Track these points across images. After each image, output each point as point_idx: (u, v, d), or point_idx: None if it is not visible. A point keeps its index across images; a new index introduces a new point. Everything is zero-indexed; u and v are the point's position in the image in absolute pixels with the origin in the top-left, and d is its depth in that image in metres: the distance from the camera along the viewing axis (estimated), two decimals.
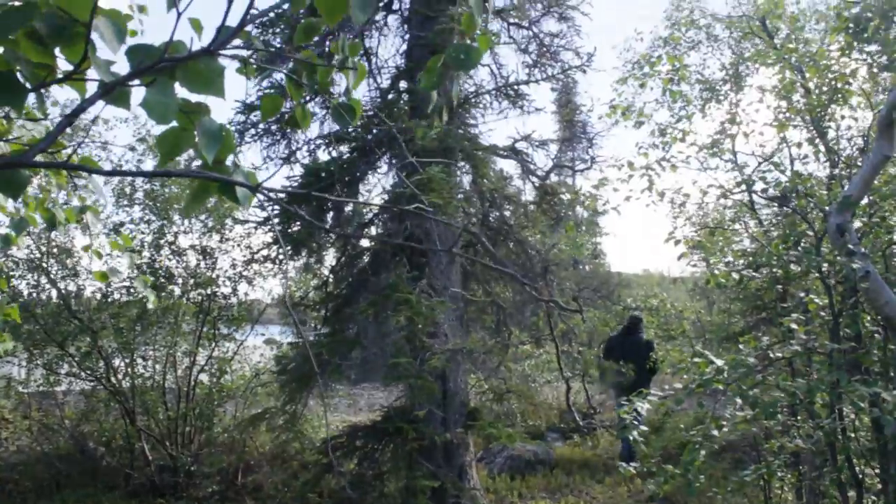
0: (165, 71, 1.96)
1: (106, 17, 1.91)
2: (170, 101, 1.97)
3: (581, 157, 12.48)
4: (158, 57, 1.94)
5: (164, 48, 1.95)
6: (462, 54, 2.28)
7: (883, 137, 6.23)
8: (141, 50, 1.97)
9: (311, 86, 2.36)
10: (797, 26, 7.57)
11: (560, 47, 10.58)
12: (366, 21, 2.36)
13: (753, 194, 7.64)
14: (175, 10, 1.94)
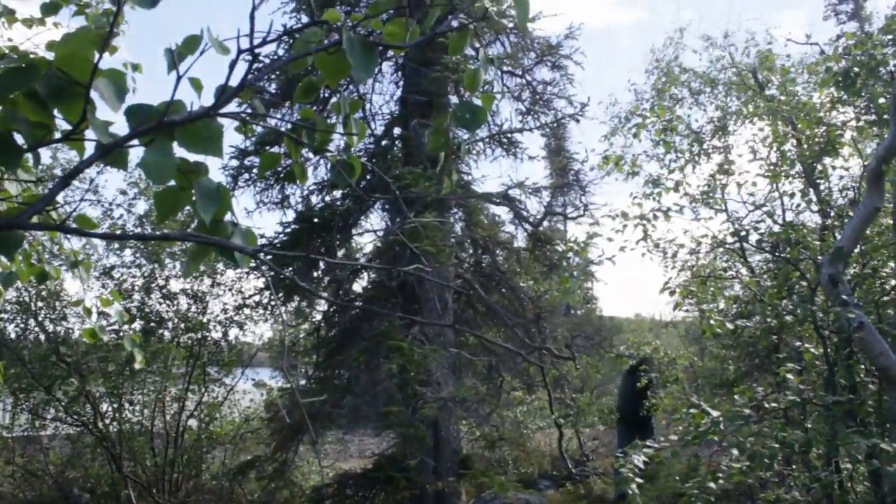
0: (164, 131, 1.95)
1: (106, 78, 1.90)
2: (168, 162, 1.95)
3: (574, 204, 12.50)
4: (157, 117, 1.93)
5: (163, 109, 1.94)
6: (467, 114, 2.28)
7: (873, 189, 6.28)
8: (140, 110, 1.96)
9: (311, 144, 2.35)
10: (788, 79, 7.65)
11: (553, 95, 10.68)
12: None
13: (745, 243, 7.66)
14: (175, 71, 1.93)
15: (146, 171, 1.91)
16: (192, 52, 1.81)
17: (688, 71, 10.45)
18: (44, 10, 4.26)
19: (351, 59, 1.94)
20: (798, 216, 7.68)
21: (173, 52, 1.84)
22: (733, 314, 8.43)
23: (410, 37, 2.24)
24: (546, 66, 10.71)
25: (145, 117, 1.97)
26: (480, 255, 10.28)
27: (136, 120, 1.96)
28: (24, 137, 1.89)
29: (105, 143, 1.85)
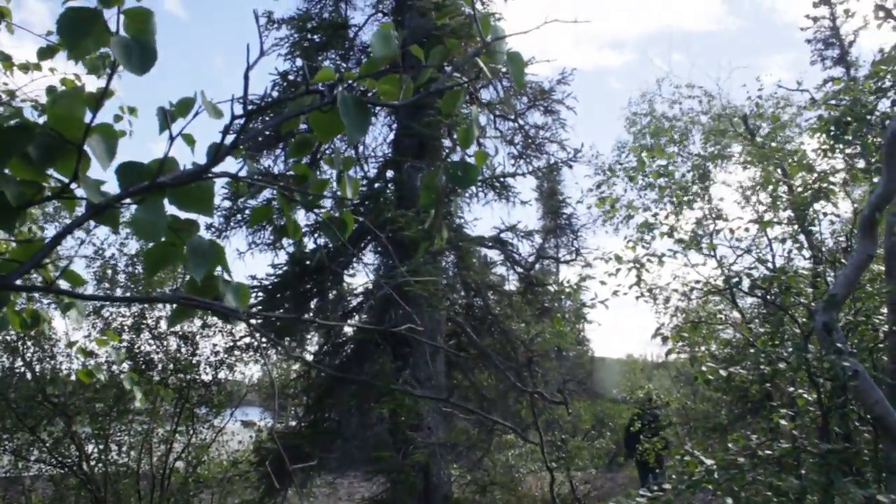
0: (155, 189, 1.93)
1: (98, 134, 1.88)
2: (159, 221, 1.92)
3: (566, 245, 12.51)
4: (148, 176, 1.91)
5: (155, 167, 1.92)
6: (460, 171, 2.27)
7: (866, 237, 6.29)
8: (131, 168, 1.94)
9: (303, 201, 2.33)
10: (778, 126, 7.72)
11: (545, 139, 10.74)
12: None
13: (737, 289, 7.66)
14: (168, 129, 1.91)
15: (137, 230, 1.89)
16: (185, 115, 1.80)
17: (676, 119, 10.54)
18: (40, 54, 4.28)
19: (344, 120, 1.93)
20: (789, 262, 7.69)
21: (166, 111, 1.83)
22: (725, 357, 8.40)
23: (404, 94, 2.23)
24: (538, 111, 10.80)
25: (136, 176, 1.95)
26: (472, 297, 10.24)
27: (128, 178, 1.94)
28: (13, 197, 1.86)
29: (96, 202, 1.83)
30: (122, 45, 1.58)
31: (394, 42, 2.21)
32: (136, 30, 1.64)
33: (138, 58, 1.59)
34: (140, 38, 1.61)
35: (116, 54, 1.56)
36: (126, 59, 1.57)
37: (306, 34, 11.45)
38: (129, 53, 1.58)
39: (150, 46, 1.62)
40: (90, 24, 1.58)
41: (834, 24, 25.34)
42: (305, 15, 11.80)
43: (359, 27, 12.05)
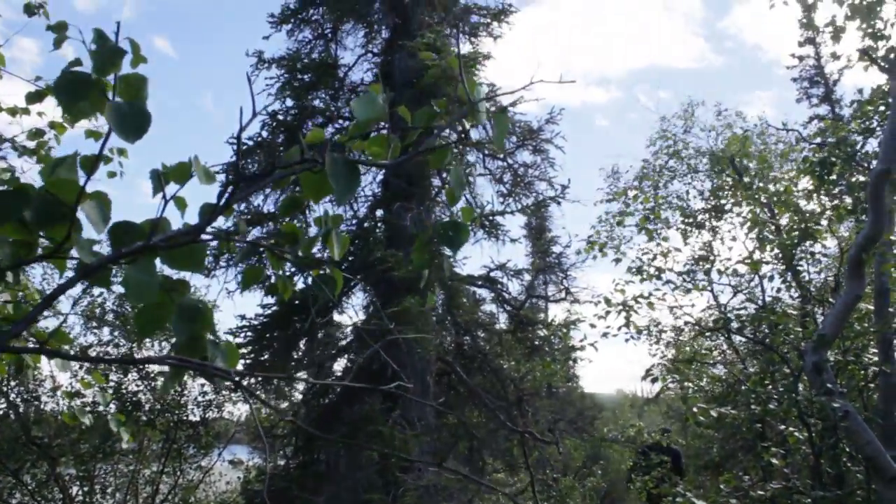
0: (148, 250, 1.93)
1: (93, 201, 1.90)
2: (151, 281, 1.92)
3: (556, 281, 12.53)
4: (141, 236, 1.91)
5: (147, 227, 1.92)
6: (451, 232, 2.28)
7: (854, 277, 6.34)
8: (124, 229, 1.94)
9: (293, 259, 2.34)
10: (765, 166, 7.81)
11: (534, 177, 10.80)
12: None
13: (728, 330, 7.69)
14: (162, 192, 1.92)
15: (128, 291, 1.89)
16: (181, 180, 1.81)
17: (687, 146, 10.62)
18: (28, 99, 4.29)
19: (332, 182, 1.95)
20: (778, 301, 7.73)
21: (160, 175, 1.84)
22: (716, 395, 8.39)
23: (392, 153, 2.26)
24: (527, 150, 10.88)
25: (129, 236, 1.95)
26: (462, 336, 10.22)
27: (120, 239, 1.94)
28: (5, 257, 1.86)
29: (88, 262, 1.83)
30: (117, 111, 1.59)
31: (378, 104, 2.23)
32: (131, 95, 1.65)
33: (132, 125, 1.60)
34: (134, 104, 1.62)
35: (111, 122, 1.57)
36: (120, 126, 1.58)
37: (296, 74, 11.53)
38: (123, 120, 1.59)
39: (144, 112, 1.63)
40: (87, 88, 1.59)
41: (819, 63, 25.68)
42: (295, 55, 11.89)
43: (349, 67, 12.15)
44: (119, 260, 1.87)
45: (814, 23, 7.64)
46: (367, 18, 12.22)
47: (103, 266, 1.86)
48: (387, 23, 12.24)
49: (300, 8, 12.13)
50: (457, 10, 12.25)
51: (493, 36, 12.35)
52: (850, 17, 6.94)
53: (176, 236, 1.87)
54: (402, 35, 11.23)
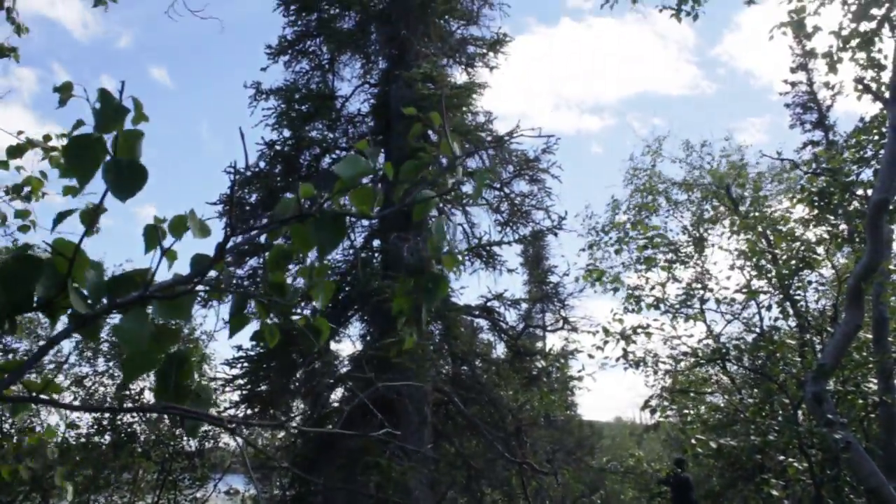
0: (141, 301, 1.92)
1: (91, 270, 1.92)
2: (143, 330, 1.92)
3: (553, 310, 12.49)
4: (133, 286, 1.90)
5: (139, 279, 1.91)
6: (430, 284, 2.29)
7: (853, 307, 6.33)
8: (116, 279, 1.93)
9: (280, 310, 2.34)
10: (760, 195, 7.82)
11: (531, 207, 10.82)
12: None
13: (726, 360, 7.66)
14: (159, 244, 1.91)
15: (121, 339, 1.88)
16: (179, 235, 1.81)
17: (665, 182, 10.66)
18: (9, 153, 4.25)
19: (316, 235, 1.98)
20: (776, 330, 7.70)
21: (157, 231, 1.84)
22: (715, 423, 8.35)
23: (378, 203, 2.27)
24: (524, 180, 10.90)
25: (121, 286, 1.94)
26: (459, 366, 10.17)
27: (114, 290, 1.93)
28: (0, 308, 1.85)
29: (83, 314, 1.82)
30: (114, 169, 1.59)
31: (362, 163, 2.24)
32: (127, 151, 1.65)
33: (128, 183, 1.60)
34: (132, 162, 1.62)
35: (107, 180, 1.57)
36: (115, 185, 1.58)
37: (294, 104, 11.57)
38: (119, 179, 1.59)
39: (140, 170, 1.63)
40: (96, 150, 1.59)
41: (811, 89, 25.82)
42: (293, 86, 11.94)
43: (346, 98, 12.20)
44: (114, 311, 1.86)
45: (813, 51, 7.67)
46: (364, 50, 12.29)
47: (97, 318, 1.85)
48: (384, 54, 12.32)
49: (298, 39, 12.21)
50: (453, 41, 12.33)
51: (488, 66, 12.43)
52: (844, 48, 6.99)
53: (171, 288, 1.86)
54: (399, 66, 11.30)
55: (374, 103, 12.05)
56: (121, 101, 1.58)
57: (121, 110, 1.58)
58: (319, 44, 12.38)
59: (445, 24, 12.36)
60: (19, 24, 6.03)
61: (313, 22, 12.31)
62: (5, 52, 5.94)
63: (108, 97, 1.58)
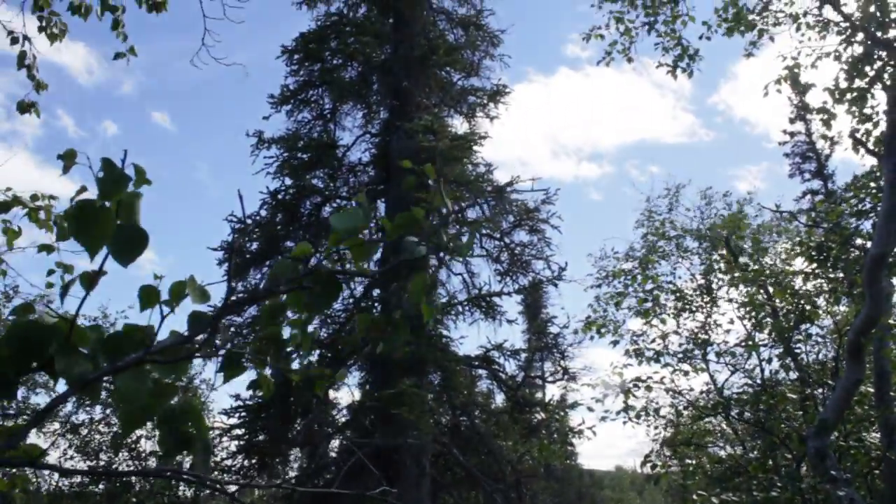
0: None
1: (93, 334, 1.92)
2: (141, 388, 1.92)
3: (553, 359, 12.44)
4: (131, 346, 1.91)
5: (138, 338, 1.92)
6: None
7: (853, 362, 6.30)
8: (115, 340, 1.94)
9: (276, 364, 2.34)
10: (760, 247, 7.85)
11: (531, 257, 10.84)
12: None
13: (728, 414, 7.61)
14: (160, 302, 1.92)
15: (120, 398, 1.88)
16: (177, 301, 1.82)
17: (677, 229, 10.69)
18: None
19: (310, 296, 1.99)
20: (777, 385, 7.67)
21: (155, 292, 1.85)
22: (717, 475, 8.26)
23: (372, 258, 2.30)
24: (524, 230, 10.95)
25: (120, 346, 1.94)
26: (459, 417, 10.10)
27: (113, 350, 1.93)
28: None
29: (73, 380, 1.82)
30: (116, 235, 1.61)
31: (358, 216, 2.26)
32: (126, 212, 1.66)
33: (128, 248, 1.62)
34: (132, 227, 1.64)
35: (109, 245, 1.59)
36: (117, 250, 1.60)
37: (296, 153, 11.66)
38: (121, 244, 1.61)
39: (141, 235, 1.64)
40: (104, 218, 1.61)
41: (810, 139, 26.02)
42: (295, 134, 12.05)
43: (347, 147, 12.31)
44: (113, 374, 1.87)
45: (808, 106, 7.77)
46: (366, 100, 12.43)
47: (97, 380, 1.85)
48: (385, 104, 12.45)
49: (300, 89, 12.35)
50: (454, 92, 12.47)
51: (489, 116, 12.56)
52: (840, 100, 7.08)
53: (169, 350, 1.86)
54: (401, 116, 11.41)
55: (375, 153, 12.16)
56: (123, 169, 1.60)
57: (123, 178, 1.60)
58: (322, 93, 12.52)
59: (446, 75, 12.52)
60: (39, 81, 6.16)
61: (316, 72, 12.46)
62: (26, 108, 6.09)
63: (111, 166, 1.60)
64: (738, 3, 8.31)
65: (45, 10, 6.03)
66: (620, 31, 8.78)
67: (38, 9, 6.02)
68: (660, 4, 8.39)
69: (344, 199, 11.43)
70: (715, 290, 8.74)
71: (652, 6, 8.41)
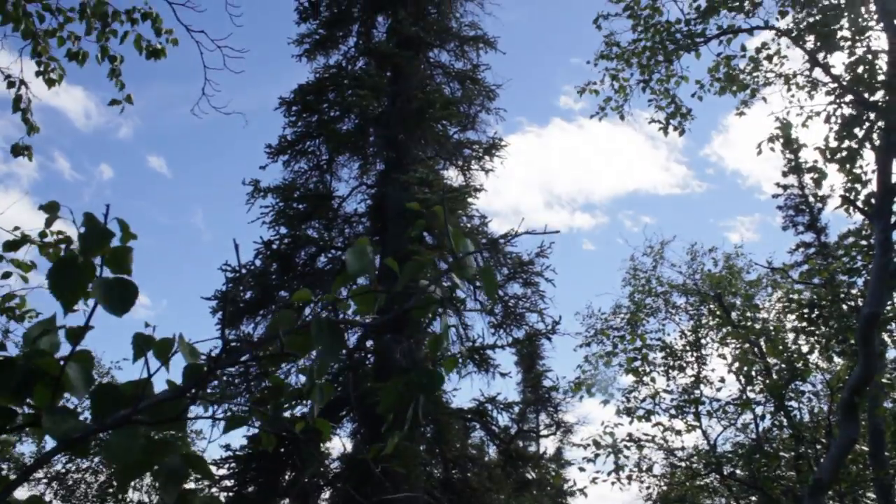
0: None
1: (75, 363, 1.89)
2: (133, 446, 1.90)
3: (548, 410, 12.35)
4: (123, 401, 1.90)
5: (130, 392, 1.91)
6: (425, 379, 2.28)
7: (847, 421, 6.28)
8: (106, 393, 1.93)
9: (277, 415, 2.32)
10: (751, 304, 7.88)
11: (525, 309, 10.84)
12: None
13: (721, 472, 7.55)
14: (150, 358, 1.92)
15: (110, 455, 1.87)
16: (165, 358, 1.82)
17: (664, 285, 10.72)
18: (5, 247, 4.31)
19: (317, 345, 1.96)
20: (770, 443, 7.63)
21: (145, 342, 1.85)
22: None
23: (378, 306, 2.28)
24: (518, 282, 10.96)
25: (112, 401, 1.93)
26: (451, 470, 9.99)
27: (103, 404, 1.92)
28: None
29: (59, 439, 1.81)
30: (105, 287, 1.61)
31: (367, 258, 2.26)
32: (117, 267, 1.67)
33: (119, 300, 1.62)
34: (121, 279, 1.64)
35: (98, 298, 1.59)
36: (108, 302, 1.60)
37: (291, 203, 11.73)
38: (111, 296, 1.61)
39: (130, 287, 1.65)
40: (79, 276, 1.62)
41: (803, 192, 26.21)
42: (291, 184, 12.13)
43: (343, 198, 12.38)
44: (103, 431, 1.85)
45: (799, 165, 7.88)
46: (362, 151, 12.54)
47: (85, 437, 1.84)
48: (381, 156, 12.56)
49: (298, 140, 12.47)
50: (450, 145, 12.60)
51: (484, 169, 12.67)
52: (831, 160, 7.17)
53: (162, 405, 1.85)
54: (396, 168, 11.51)
55: (371, 204, 12.23)
56: (105, 225, 1.61)
57: (106, 234, 1.61)
58: (319, 144, 12.63)
59: (443, 128, 12.66)
60: (32, 124, 6.24)
61: (313, 123, 12.60)
62: (20, 151, 6.17)
63: (93, 221, 1.61)
64: (730, 63, 8.48)
65: (43, 56, 6.14)
66: (615, 89, 8.94)
67: (37, 54, 6.13)
68: (654, 63, 8.55)
69: (339, 250, 11.46)
70: (704, 347, 8.75)
71: (647, 65, 8.57)
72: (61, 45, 6.06)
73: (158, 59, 6.29)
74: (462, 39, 13.56)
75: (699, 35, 8.16)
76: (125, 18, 6.06)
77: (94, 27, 5.99)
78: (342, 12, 13.40)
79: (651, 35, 8.36)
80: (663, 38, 8.25)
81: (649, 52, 8.43)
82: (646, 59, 8.52)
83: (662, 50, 8.30)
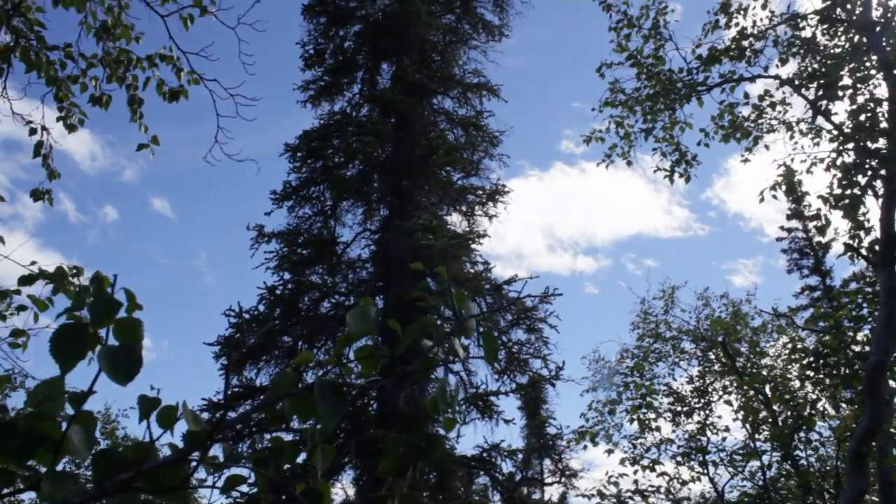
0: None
1: (78, 426, 1.88)
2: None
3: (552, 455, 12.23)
4: (125, 466, 1.88)
5: (131, 456, 1.89)
6: (424, 444, 2.26)
7: (856, 471, 6.19)
8: (107, 457, 1.91)
9: (278, 476, 2.30)
10: (757, 351, 7.84)
11: (529, 355, 10.80)
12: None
13: None
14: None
15: None
16: (169, 426, 1.81)
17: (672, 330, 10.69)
18: (20, 282, 4.33)
19: (320, 407, 1.94)
20: (777, 492, 7.53)
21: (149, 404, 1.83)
22: None
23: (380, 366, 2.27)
24: (522, 328, 10.94)
25: (113, 466, 1.92)
26: None
27: (104, 469, 1.91)
28: None
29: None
30: (109, 356, 1.61)
31: (370, 318, 2.25)
32: (125, 337, 1.67)
33: (124, 369, 1.62)
34: (126, 348, 1.64)
35: (103, 366, 1.59)
36: (112, 370, 1.60)
37: (295, 248, 11.76)
38: (115, 365, 1.61)
39: (135, 357, 1.64)
40: (82, 341, 1.62)
41: (807, 235, 26.21)
42: (295, 229, 12.18)
43: (347, 244, 12.41)
44: (103, 498, 1.84)
45: (802, 213, 7.89)
46: (366, 197, 12.61)
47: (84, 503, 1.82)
48: (385, 202, 12.62)
49: (302, 185, 12.54)
50: (453, 191, 12.66)
51: (487, 215, 12.72)
52: (836, 206, 7.17)
53: (162, 473, 1.84)
54: (400, 214, 11.56)
55: (374, 249, 12.26)
56: (113, 295, 1.61)
57: (113, 305, 1.62)
58: (323, 190, 12.71)
59: (446, 174, 12.74)
60: (53, 170, 6.33)
61: (318, 169, 12.68)
62: (41, 196, 6.25)
63: (101, 290, 1.62)
64: (733, 110, 8.54)
65: (64, 102, 6.24)
66: (620, 136, 8.97)
67: (59, 100, 6.23)
68: (658, 111, 8.61)
69: (342, 296, 11.46)
70: (710, 394, 8.69)
71: (651, 112, 8.62)
72: (84, 90, 6.16)
73: (177, 100, 6.36)
74: (465, 86, 13.71)
75: (701, 84, 8.23)
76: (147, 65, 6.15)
77: (117, 75, 6.08)
78: (347, 59, 13.57)
79: (654, 84, 8.43)
80: (665, 87, 8.32)
81: (650, 100, 8.49)
82: (648, 108, 8.57)
83: (664, 98, 8.36)
